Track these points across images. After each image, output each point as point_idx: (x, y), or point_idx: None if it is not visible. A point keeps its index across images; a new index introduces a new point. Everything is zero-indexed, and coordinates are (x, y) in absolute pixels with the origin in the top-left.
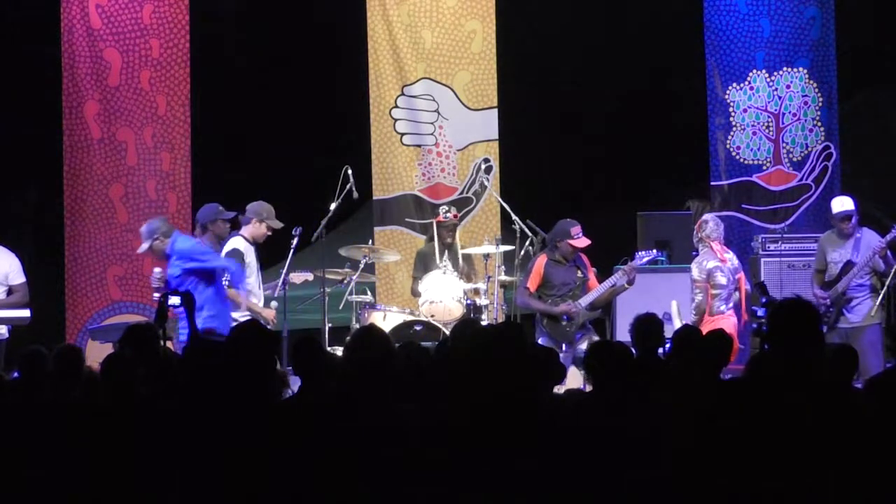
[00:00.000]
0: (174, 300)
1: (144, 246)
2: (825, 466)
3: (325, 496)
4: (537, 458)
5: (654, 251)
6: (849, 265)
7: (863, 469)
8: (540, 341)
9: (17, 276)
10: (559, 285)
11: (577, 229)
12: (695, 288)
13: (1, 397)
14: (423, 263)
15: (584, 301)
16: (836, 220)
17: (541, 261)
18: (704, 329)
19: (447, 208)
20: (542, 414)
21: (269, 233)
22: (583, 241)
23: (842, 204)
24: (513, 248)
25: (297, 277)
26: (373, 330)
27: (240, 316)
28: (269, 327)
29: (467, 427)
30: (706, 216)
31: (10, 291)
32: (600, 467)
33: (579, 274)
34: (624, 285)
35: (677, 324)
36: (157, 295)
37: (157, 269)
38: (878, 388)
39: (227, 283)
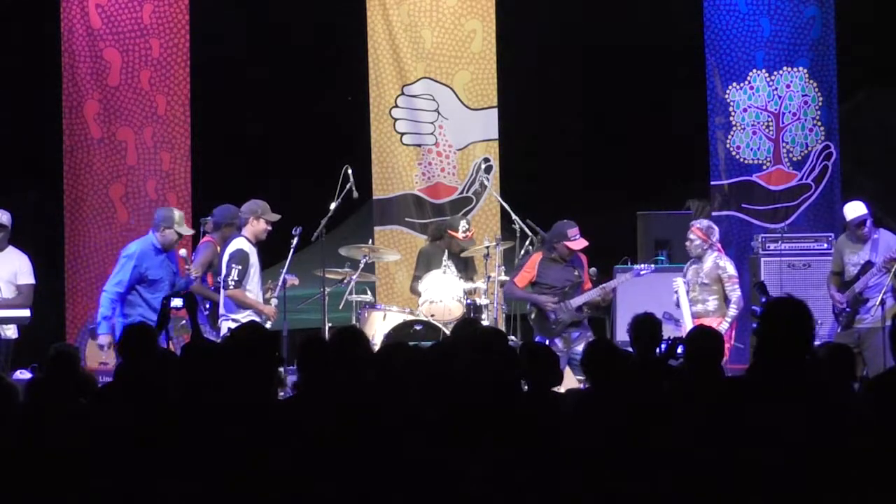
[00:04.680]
0: (176, 302)
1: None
2: (825, 466)
3: (326, 495)
4: (536, 456)
5: (653, 266)
6: (868, 265)
7: (863, 470)
8: (536, 339)
9: (25, 277)
10: (553, 284)
11: (574, 231)
12: (733, 285)
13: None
14: (426, 263)
15: (575, 302)
16: (851, 227)
17: (535, 258)
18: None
19: (466, 226)
20: (541, 413)
21: (269, 227)
22: (580, 243)
23: (854, 210)
24: (513, 244)
25: (289, 280)
26: (355, 332)
27: (242, 317)
28: (269, 324)
29: (464, 426)
30: (706, 222)
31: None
32: (597, 467)
33: (576, 273)
34: (598, 299)
35: (684, 302)
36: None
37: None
38: (878, 388)
39: (232, 282)
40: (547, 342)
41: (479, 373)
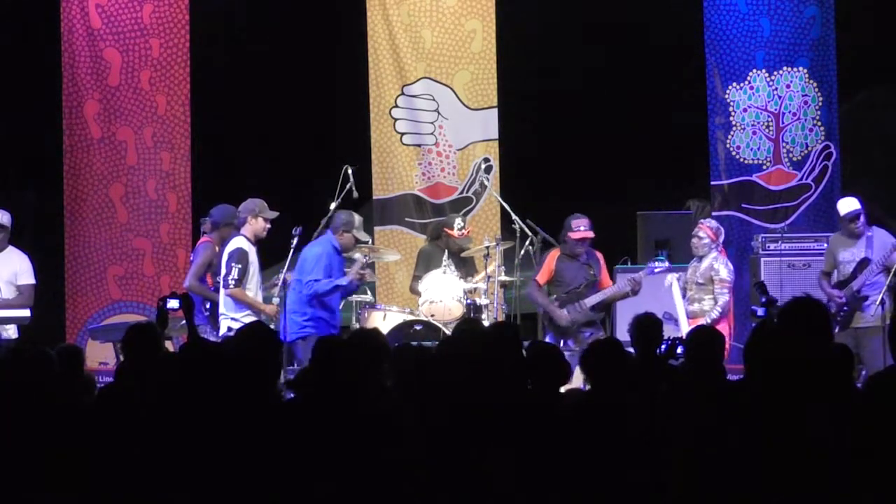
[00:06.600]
0: (173, 303)
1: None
2: (828, 467)
3: (327, 496)
4: (535, 457)
5: (668, 263)
6: (864, 262)
7: (864, 470)
8: (547, 339)
9: (25, 278)
10: (568, 281)
11: (577, 222)
12: (723, 288)
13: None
14: (426, 263)
15: (589, 301)
16: (844, 222)
17: (553, 254)
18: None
19: (461, 224)
20: (540, 413)
21: (268, 225)
22: (580, 234)
23: (848, 205)
24: (513, 244)
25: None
26: (369, 334)
27: (242, 316)
28: (271, 325)
29: (464, 427)
30: (716, 222)
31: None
32: (598, 467)
33: (591, 272)
34: (627, 293)
35: (678, 300)
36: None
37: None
38: (879, 386)
39: (232, 281)
40: (561, 342)
41: (484, 372)
